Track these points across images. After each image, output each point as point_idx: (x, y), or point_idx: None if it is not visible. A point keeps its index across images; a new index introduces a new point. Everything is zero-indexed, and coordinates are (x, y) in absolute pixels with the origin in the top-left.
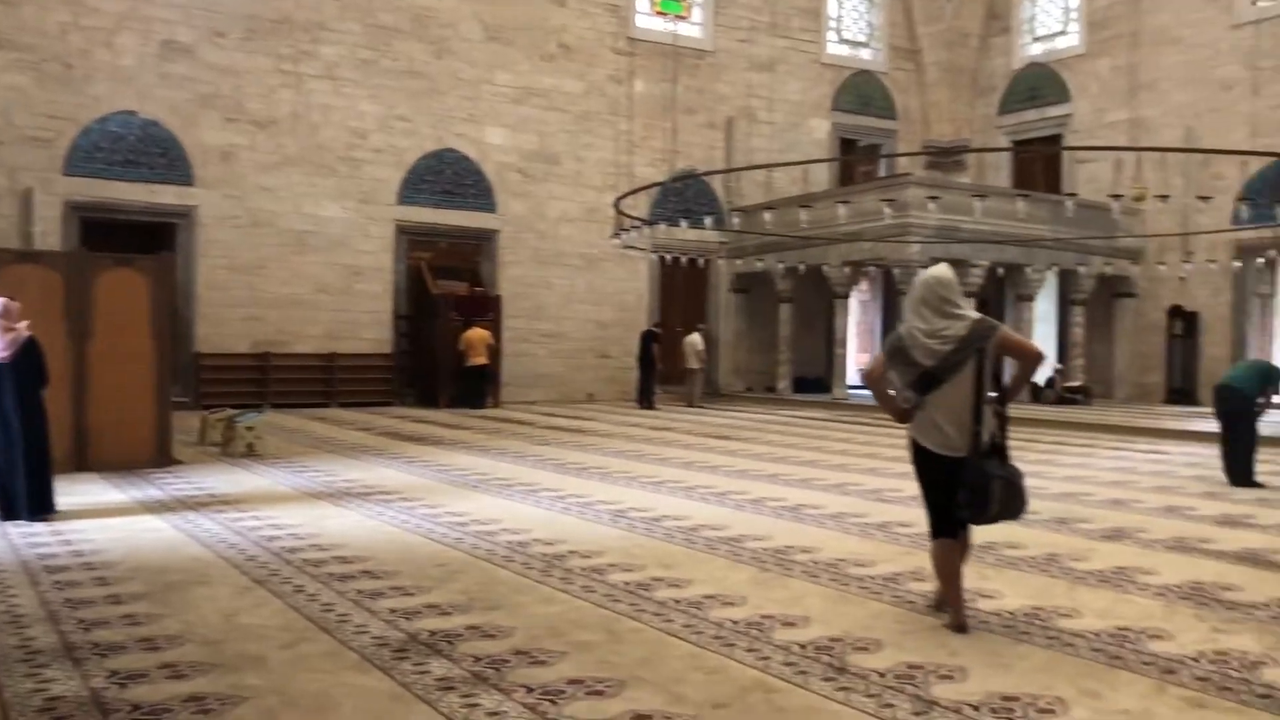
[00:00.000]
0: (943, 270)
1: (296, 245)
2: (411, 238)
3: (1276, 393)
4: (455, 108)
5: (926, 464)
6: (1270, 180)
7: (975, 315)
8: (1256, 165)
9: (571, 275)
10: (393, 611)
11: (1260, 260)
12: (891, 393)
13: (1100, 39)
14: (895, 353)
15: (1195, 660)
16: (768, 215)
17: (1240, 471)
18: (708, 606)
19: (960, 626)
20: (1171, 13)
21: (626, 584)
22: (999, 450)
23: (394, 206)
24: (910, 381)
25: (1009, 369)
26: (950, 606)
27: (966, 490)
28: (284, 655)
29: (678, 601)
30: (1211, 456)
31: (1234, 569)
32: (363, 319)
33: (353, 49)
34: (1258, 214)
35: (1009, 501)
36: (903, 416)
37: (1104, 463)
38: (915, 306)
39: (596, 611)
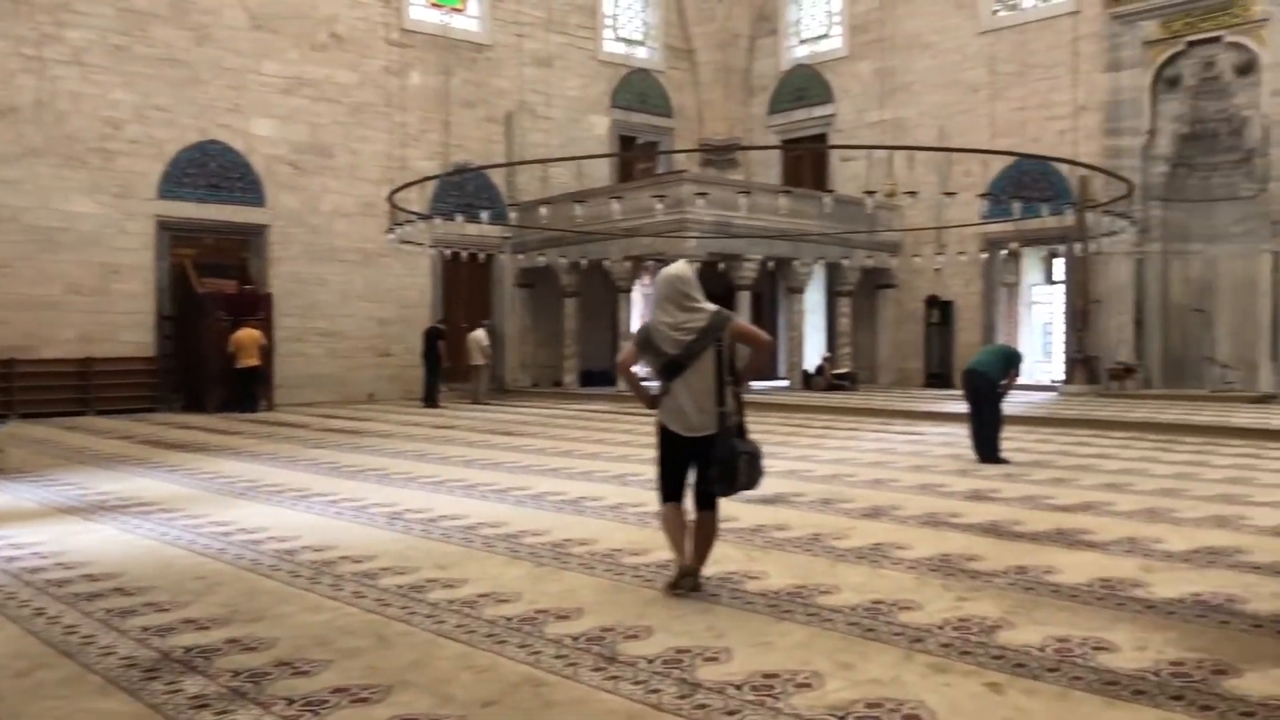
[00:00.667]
0: (682, 267)
1: (45, 243)
2: (174, 234)
3: (1019, 374)
4: (219, 98)
5: (671, 445)
6: (1011, 178)
7: (713, 308)
8: (1000, 164)
9: (348, 271)
10: (145, 630)
11: (1004, 252)
12: (642, 381)
13: (860, 43)
14: (644, 344)
15: (941, 628)
16: (544, 210)
17: (988, 449)
18: (482, 605)
19: (688, 574)
20: (924, 19)
21: (399, 587)
22: (739, 428)
23: (154, 201)
24: (658, 369)
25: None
26: (678, 560)
27: (717, 465)
28: (17, 685)
29: (451, 602)
30: (963, 436)
31: (979, 540)
32: (122, 321)
33: (103, 34)
34: (998, 209)
35: (752, 474)
36: (651, 403)
37: (867, 445)
38: (660, 302)
39: (365, 617)
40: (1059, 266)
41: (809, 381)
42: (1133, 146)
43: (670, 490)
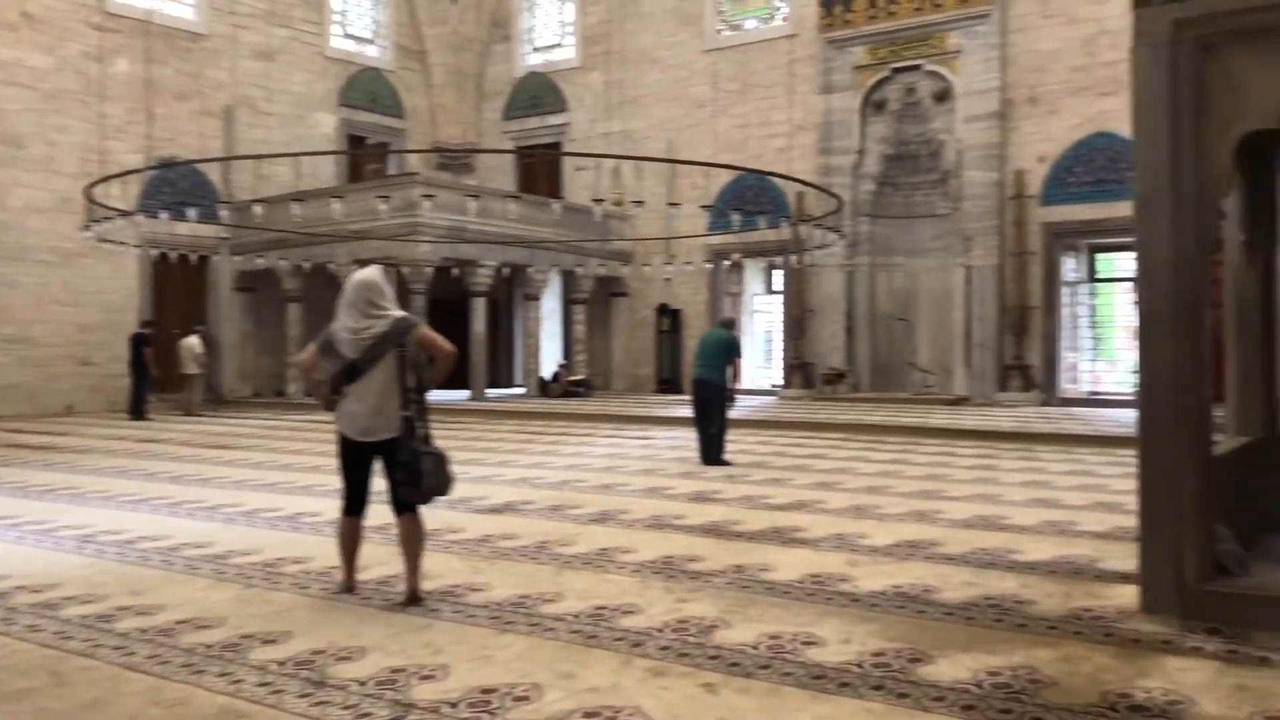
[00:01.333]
0: (370, 274)
1: None
2: None
3: (741, 358)
4: None
5: (345, 451)
6: (734, 192)
7: (398, 314)
8: (723, 178)
9: (43, 273)
10: None
11: (727, 263)
12: (320, 382)
13: (592, 54)
14: (325, 348)
15: (661, 631)
16: (258, 209)
17: (713, 452)
18: (180, 632)
19: (349, 588)
20: (653, 35)
21: (84, 617)
22: (421, 435)
23: None
24: (336, 373)
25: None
26: (343, 574)
27: (400, 468)
28: None
29: (144, 631)
30: (691, 439)
31: (700, 541)
32: None
33: None
34: (722, 221)
35: (440, 476)
36: (329, 405)
37: (600, 450)
38: (346, 307)
39: (41, 653)
40: (778, 277)
41: (545, 388)
42: (843, 165)
43: (349, 501)
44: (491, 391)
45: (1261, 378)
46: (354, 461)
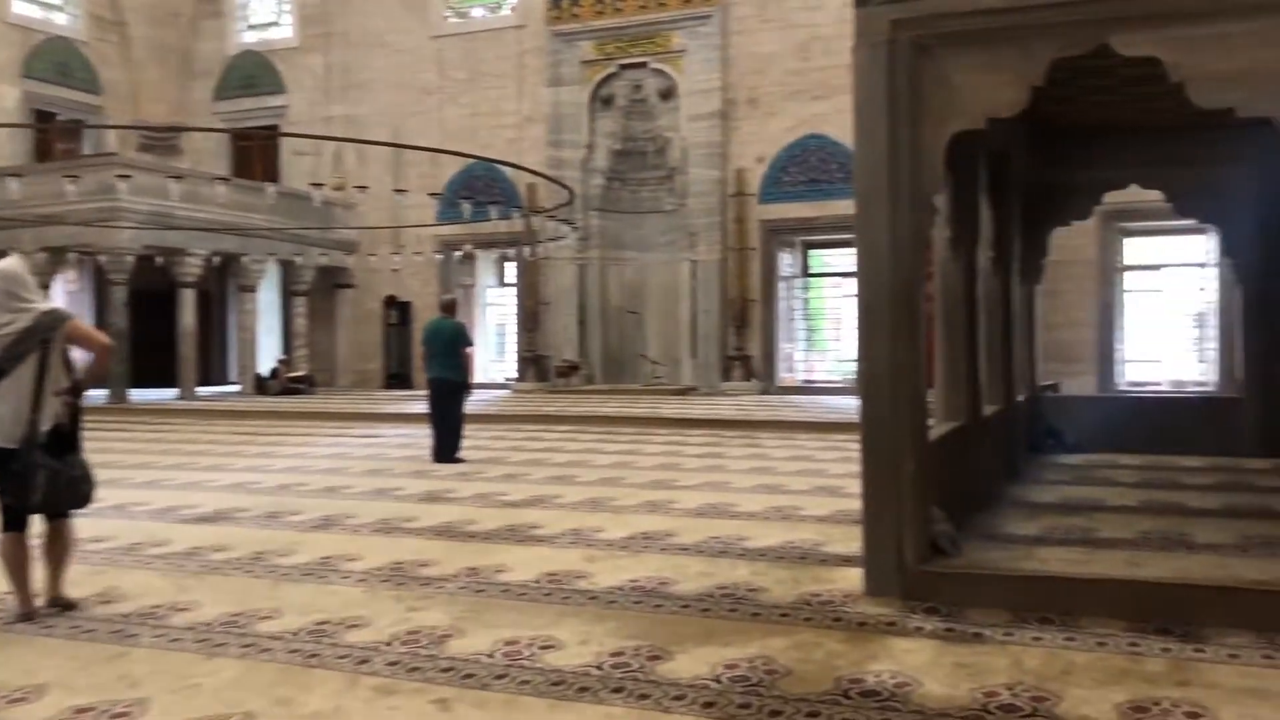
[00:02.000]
0: (11, 263)
1: None
2: None
3: (471, 344)
4: None
5: None
6: (463, 181)
7: (45, 306)
8: (452, 167)
9: None
10: None
11: (458, 254)
12: None
13: (313, 34)
14: None
15: (389, 644)
16: None
17: (446, 450)
18: None
19: (28, 615)
20: (380, 17)
21: None
22: (68, 439)
23: None
24: None
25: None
26: (17, 600)
27: (11, 478)
28: None
29: None
30: (421, 436)
31: (432, 544)
32: None
33: None
34: (453, 212)
35: (57, 491)
36: None
37: (323, 450)
38: None
39: None
40: (511, 270)
41: (263, 386)
42: (573, 159)
43: (7, 517)
44: (203, 390)
45: (966, 366)
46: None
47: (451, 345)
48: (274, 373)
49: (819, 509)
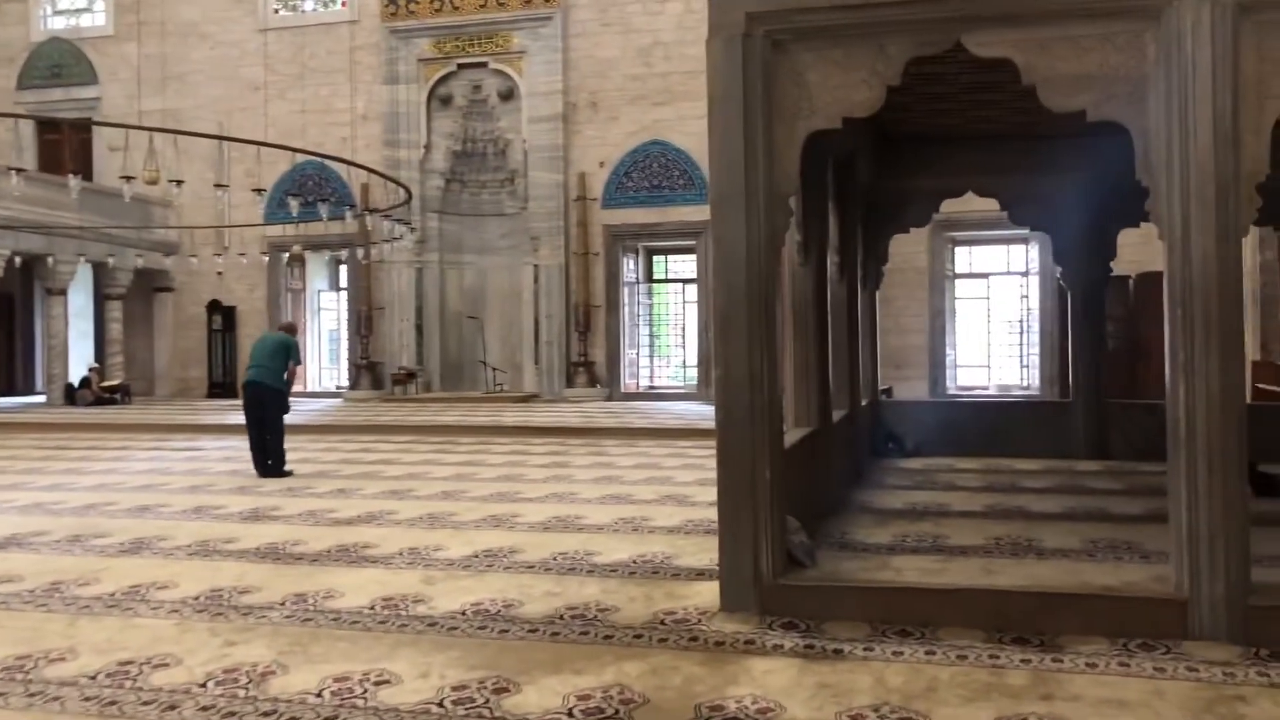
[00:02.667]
0: None
1: None
2: None
3: (300, 362)
4: None
5: None
6: (293, 180)
7: None
8: (281, 165)
9: None
10: None
11: (287, 255)
12: None
13: (128, 23)
14: None
15: (203, 686)
16: None
17: (271, 463)
18: None
19: None
20: (201, 8)
21: None
22: None
23: None
24: None
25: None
26: None
27: None
28: None
29: None
30: (246, 450)
31: (255, 568)
32: None
33: None
34: (279, 213)
35: None
36: None
37: (138, 465)
38: None
39: None
40: (344, 273)
41: (73, 396)
42: (410, 159)
43: None
44: (3, 401)
45: (818, 371)
46: None
47: (274, 353)
48: (85, 382)
49: (668, 519)
